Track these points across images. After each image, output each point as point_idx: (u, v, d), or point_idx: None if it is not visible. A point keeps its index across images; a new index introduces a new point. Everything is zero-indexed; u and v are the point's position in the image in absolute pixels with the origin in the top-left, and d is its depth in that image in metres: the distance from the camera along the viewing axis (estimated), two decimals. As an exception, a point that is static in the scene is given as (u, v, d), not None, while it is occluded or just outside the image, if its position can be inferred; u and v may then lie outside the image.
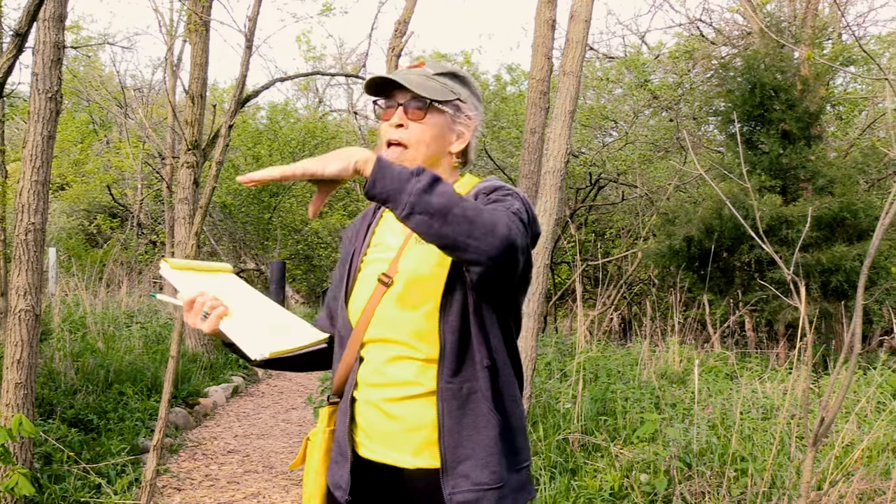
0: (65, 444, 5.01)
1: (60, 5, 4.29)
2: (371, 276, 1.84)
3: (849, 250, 8.94)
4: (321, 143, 20.13)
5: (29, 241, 4.22)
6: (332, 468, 1.87)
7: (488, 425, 1.74)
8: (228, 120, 4.91)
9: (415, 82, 1.80)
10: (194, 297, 1.75)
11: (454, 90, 1.85)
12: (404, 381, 1.76)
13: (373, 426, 1.80)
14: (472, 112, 1.89)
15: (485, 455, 1.73)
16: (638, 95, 15.36)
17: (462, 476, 1.73)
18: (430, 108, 1.81)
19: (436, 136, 1.83)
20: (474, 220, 1.52)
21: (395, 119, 1.81)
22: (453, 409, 1.73)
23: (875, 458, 4.40)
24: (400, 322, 1.76)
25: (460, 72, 1.90)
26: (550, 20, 5.66)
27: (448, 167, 1.89)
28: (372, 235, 1.93)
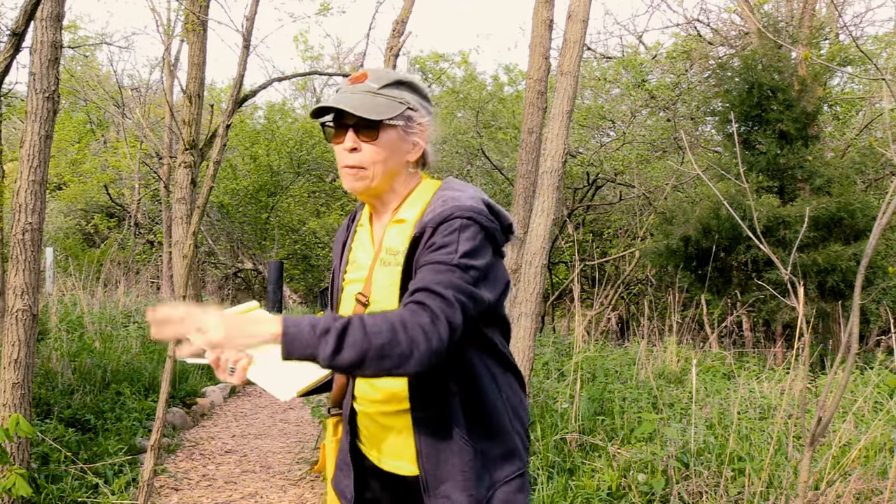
0: (62, 444, 5.00)
1: (58, 5, 4.28)
2: (350, 295, 1.86)
3: (845, 250, 8.95)
4: (318, 143, 20.11)
5: (26, 240, 4.21)
6: (337, 476, 1.93)
7: (462, 451, 1.75)
8: (226, 120, 4.91)
9: (361, 104, 1.75)
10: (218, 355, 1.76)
11: (402, 99, 1.80)
12: (391, 396, 1.79)
13: (374, 437, 1.85)
14: (424, 118, 1.85)
15: (461, 479, 1.74)
16: (635, 95, 15.37)
17: (444, 497, 1.75)
18: (380, 127, 1.77)
19: (391, 153, 1.80)
20: (390, 354, 1.51)
21: (348, 143, 1.78)
22: (428, 436, 1.75)
23: (872, 458, 4.41)
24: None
25: (406, 77, 1.85)
26: (548, 20, 5.67)
27: (405, 176, 1.87)
28: (349, 252, 1.94)
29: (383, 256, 1.81)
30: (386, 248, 1.82)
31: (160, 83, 20.11)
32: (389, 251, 1.81)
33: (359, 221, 1.96)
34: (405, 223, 1.81)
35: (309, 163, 20.19)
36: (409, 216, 1.82)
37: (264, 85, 10.69)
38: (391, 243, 1.81)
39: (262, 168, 19.45)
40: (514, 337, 4.76)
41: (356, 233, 1.95)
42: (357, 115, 1.74)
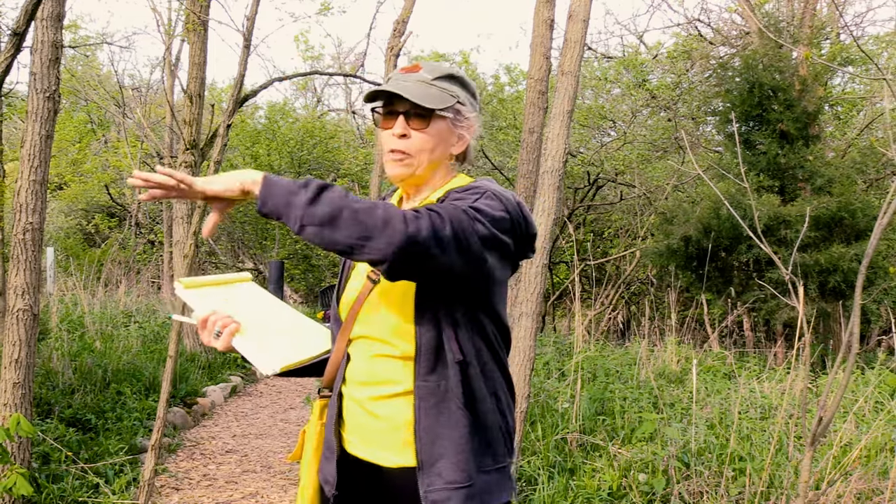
0: (63, 443, 5.01)
1: (58, 4, 4.28)
2: (362, 273, 1.86)
3: (846, 250, 8.95)
4: (319, 143, 20.12)
5: (27, 240, 4.21)
6: (322, 463, 1.91)
7: (458, 424, 1.75)
8: (227, 119, 4.91)
9: (415, 91, 1.78)
10: (206, 316, 1.80)
11: (453, 93, 1.84)
12: (386, 379, 1.78)
13: (358, 424, 1.83)
14: (471, 113, 1.88)
15: (455, 453, 1.74)
16: (636, 95, 15.36)
17: (436, 475, 1.74)
18: (432, 116, 1.81)
19: (438, 143, 1.83)
20: (364, 221, 1.51)
21: (397, 129, 1.81)
22: (429, 407, 1.74)
23: (873, 458, 4.40)
24: (380, 319, 1.79)
25: (457, 72, 1.89)
26: (549, 20, 5.66)
27: (445, 168, 1.90)
28: None
29: None
30: None
31: (161, 83, 20.11)
32: None
33: None
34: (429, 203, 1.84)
35: (310, 163, 20.20)
36: (434, 197, 1.85)
37: (265, 85, 10.69)
38: None
39: (262, 168, 19.45)
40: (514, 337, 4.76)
41: None
42: (412, 102, 1.77)
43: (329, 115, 27.88)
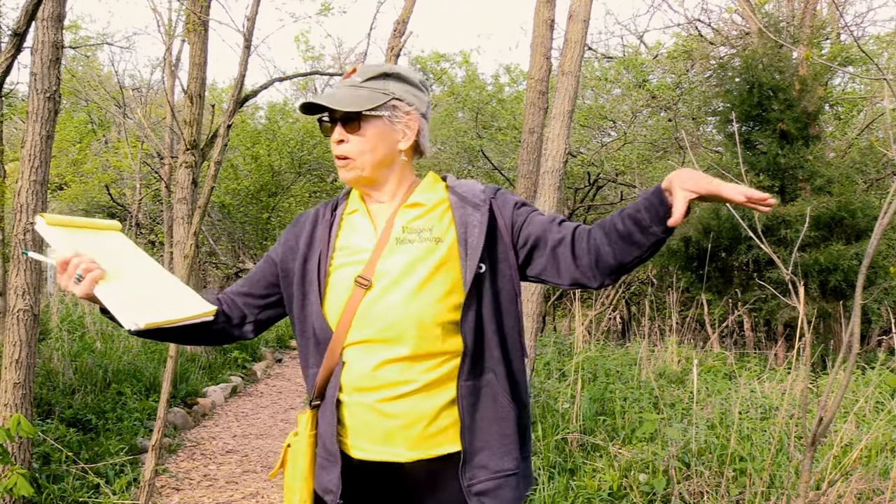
0: (63, 444, 5.01)
1: (59, 5, 4.29)
2: (345, 279, 1.84)
3: (846, 250, 8.95)
4: (319, 143, 20.10)
5: (27, 240, 4.21)
6: (318, 473, 1.87)
7: (508, 416, 1.80)
8: (227, 120, 4.91)
9: (342, 98, 1.82)
10: (69, 257, 1.68)
11: (385, 90, 1.85)
12: (397, 381, 1.77)
13: (368, 427, 1.80)
14: (411, 106, 1.89)
15: (503, 444, 1.79)
16: (636, 95, 15.36)
17: (479, 467, 1.77)
18: (362, 118, 1.83)
19: (377, 143, 1.85)
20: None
21: (334, 136, 1.86)
22: (470, 405, 1.77)
23: (874, 458, 4.40)
24: (388, 322, 1.77)
25: (392, 69, 1.90)
26: (549, 20, 5.66)
27: (401, 165, 1.91)
28: (335, 238, 1.92)
29: (400, 236, 1.83)
30: (403, 228, 1.84)
31: (161, 83, 20.11)
32: (410, 230, 1.84)
33: (346, 209, 1.96)
34: (423, 206, 1.87)
35: (310, 163, 20.19)
36: (425, 200, 1.88)
37: (265, 85, 10.69)
38: (413, 224, 1.85)
39: (263, 168, 19.44)
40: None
41: (344, 219, 1.95)
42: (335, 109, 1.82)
43: (329, 115, 27.82)
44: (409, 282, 1.77)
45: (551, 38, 5.77)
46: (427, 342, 1.76)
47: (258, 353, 11.11)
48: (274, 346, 12.55)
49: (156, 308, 1.70)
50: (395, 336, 1.77)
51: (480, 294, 1.78)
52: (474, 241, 1.79)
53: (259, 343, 11.50)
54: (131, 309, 1.63)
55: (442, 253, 1.79)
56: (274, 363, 11.38)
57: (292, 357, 12.38)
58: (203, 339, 1.98)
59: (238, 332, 2.00)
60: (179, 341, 1.99)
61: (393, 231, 1.85)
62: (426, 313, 1.76)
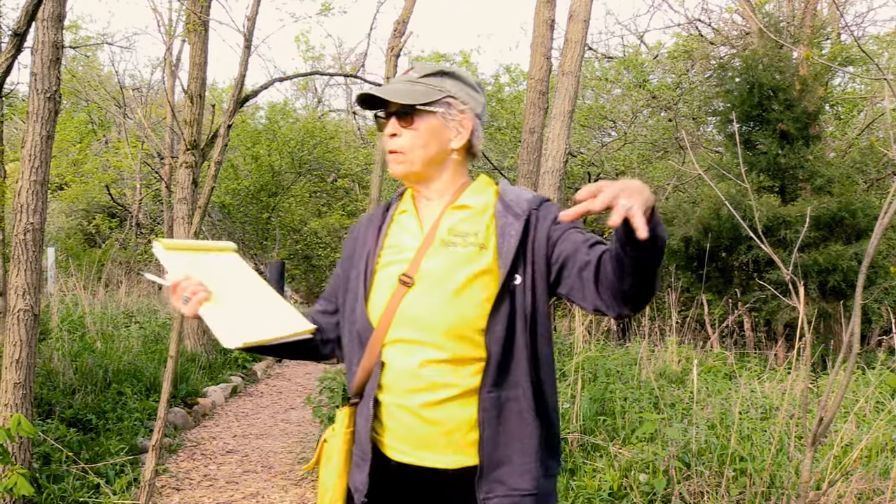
0: (63, 443, 5.01)
1: (59, 5, 4.29)
2: (389, 277, 1.84)
3: (845, 250, 8.94)
4: (320, 143, 20.12)
5: (28, 240, 4.21)
6: (352, 471, 1.87)
7: (532, 434, 1.77)
8: (227, 120, 4.91)
9: (398, 91, 1.82)
10: (179, 281, 1.79)
11: (442, 88, 1.86)
12: (438, 384, 1.75)
13: (408, 430, 1.79)
14: (465, 105, 1.89)
15: (523, 461, 1.76)
16: (637, 95, 15.37)
17: (497, 481, 1.75)
18: (416, 112, 1.83)
19: (430, 139, 1.85)
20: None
21: (388, 129, 1.85)
22: (492, 418, 1.75)
23: (874, 458, 4.40)
24: (427, 322, 1.76)
25: (448, 68, 1.90)
26: (549, 20, 5.67)
27: (453, 165, 1.91)
28: (385, 237, 1.93)
29: (445, 238, 1.82)
30: (449, 230, 1.83)
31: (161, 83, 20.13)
32: (455, 233, 1.83)
33: (398, 209, 1.96)
34: (471, 209, 1.86)
35: (310, 163, 20.20)
36: (474, 203, 1.87)
37: (266, 85, 10.69)
38: (459, 226, 1.84)
39: (263, 168, 19.45)
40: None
41: (395, 219, 1.95)
42: (391, 101, 1.82)
43: (330, 115, 27.91)
44: (449, 285, 1.76)
45: (552, 38, 5.78)
46: (465, 347, 1.75)
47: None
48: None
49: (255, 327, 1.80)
50: (433, 337, 1.75)
51: (514, 305, 1.76)
52: (508, 251, 1.77)
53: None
54: (230, 330, 1.73)
55: (487, 261, 1.77)
56: (274, 363, 11.38)
57: (292, 357, 12.37)
58: (302, 355, 2.03)
59: (325, 349, 2.02)
60: (281, 356, 2.04)
61: (438, 232, 1.84)
62: (464, 318, 1.74)
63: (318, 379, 5.88)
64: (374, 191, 6.64)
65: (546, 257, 1.79)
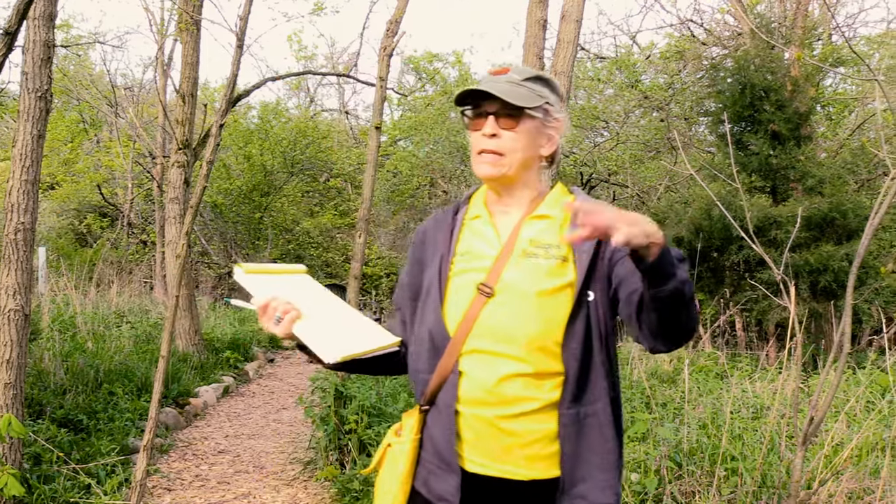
0: (54, 444, 4.99)
1: (50, 4, 4.27)
2: (466, 285, 1.82)
3: (836, 250, 8.98)
4: (312, 143, 20.09)
5: (18, 240, 4.20)
6: (427, 479, 1.84)
7: (612, 450, 1.78)
8: (219, 119, 4.90)
9: (505, 91, 1.78)
10: (267, 301, 1.76)
11: (542, 94, 1.84)
12: (518, 397, 1.74)
13: (484, 441, 1.77)
14: (560, 114, 1.89)
15: (605, 477, 1.76)
16: (629, 96, 15.40)
17: (579, 497, 1.75)
18: (522, 115, 1.80)
19: (528, 143, 1.83)
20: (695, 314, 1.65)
21: (487, 129, 1.80)
22: (572, 434, 1.75)
23: (864, 457, 4.42)
24: (510, 334, 1.75)
25: (545, 75, 1.89)
26: (542, 20, 5.67)
27: (537, 172, 1.89)
28: (457, 243, 1.90)
29: (526, 248, 1.80)
30: (530, 241, 1.81)
31: (153, 82, 20.06)
32: (537, 244, 1.81)
33: (468, 214, 1.94)
34: (550, 220, 1.84)
35: (303, 163, 20.17)
36: (553, 213, 1.85)
37: (258, 84, 10.68)
38: (540, 237, 1.82)
39: (255, 168, 19.42)
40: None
41: (466, 224, 1.92)
42: (502, 102, 1.78)
43: (322, 115, 27.87)
44: (532, 297, 1.75)
45: (544, 39, 5.78)
46: (546, 361, 1.74)
47: (250, 354, 11.08)
48: (266, 347, 12.53)
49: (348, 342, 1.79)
50: (515, 350, 1.74)
51: (589, 321, 1.75)
52: (583, 265, 1.76)
53: (251, 343, 11.49)
54: (328, 344, 1.73)
55: (570, 275, 1.77)
56: (266, 363, 11.36)
57: (284, 357, 12.37)
58: (390, 369, 2.00)
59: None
60: (371, 372, 2.04)
61: (518, 242, 1.82)
62: (546, 331, 1.74)
63: (310, 379, 5.87)
64: (366, 190, 6.63)
65: (607, 277, 1.78)
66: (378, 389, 5.94)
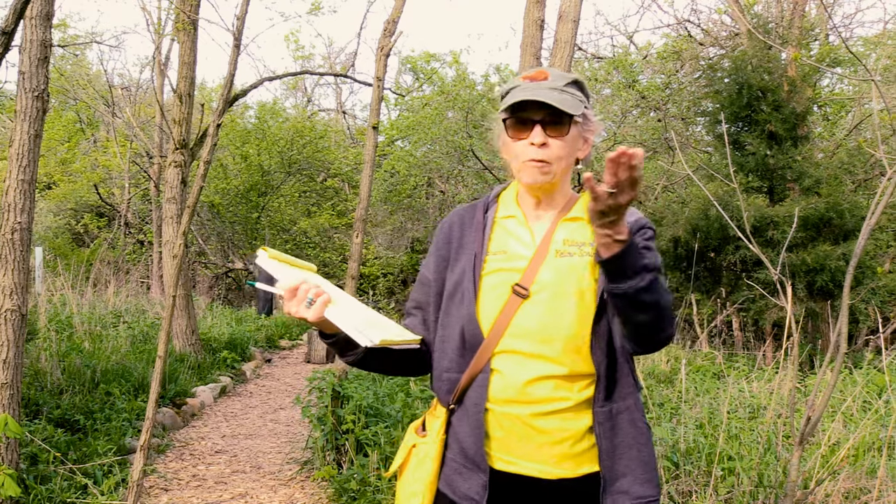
0: (51, 444, 4.99)
1: (47, 3, 4.27)
2: (500, 284, 1.81)
3: (833, 250, 8.99)
4: (309, 143, 20.08)
5: (15, 240, 4.20)
6: (452, 478, 1.84)
7: (647, 442, 1.80)
8: (216, 119, 4.89)
9: (556, 99, 1.76)
10: (297, 284, 1.73)
11: (581, 98, 1.83)
12: (550, 397, 1.75)
13: (513, 439, 1.78)
14: (596, 117, 1.89)
15: (644, 470, 1.78)
16: (626, 96, 15.40)
17: (621, 492, 1.76)
18: (569, 123, 1.79)
19: (572, 150, 1.83)
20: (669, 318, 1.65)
21: (537, 138, 1.77)
22: (607, 431, 1.77)
23: (861, 457, 4.43)
24: (547, 336, 1.75)
25: (580, 78, 1.88)
26: (539, 20, 5.66)
27: (570, 173, 1.90)
28: (490, 242, 1.89)
29: (560, 248, 1.80)
30: (564, 241, 1.82)
31: (150, 82, 20.05)
32: (570, 242, 1.81)
33: (499, 213, 1.92)
34: (582, 221, 1.84)
35: (300, 162, 20.17)
36: (584, 215, 1.85)
37: (255, 84, 10.67)
38: (573, 236, 1.82)
39: (252, 168, 19.41)
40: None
41: (497, 223, 1.91)
42: (550, 109, 1.75)
43: (319, 114, 27.87)
44: (568, 296, 1.75)
45: (541, 39, 5.77)
46: (579, 362, 1.76)
47: (247, 354, 11.08)
48: (263, 346, 12.52)
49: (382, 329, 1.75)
50: (551, 351, 1.75)
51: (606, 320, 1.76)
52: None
53: (248, 343, 11.48)
54: (363, 329, 1.68)
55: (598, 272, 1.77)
56: (263, 363, 11.35)
57: (282, 357, 12.36)
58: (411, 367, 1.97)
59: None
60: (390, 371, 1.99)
61: (553, 243, 1.82)
62: (579, 331, 1.75)
63: (307, 379, 5.87)
64: (363, 190, 6.62)
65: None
66: (375, 389, 5.94)
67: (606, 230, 1.49)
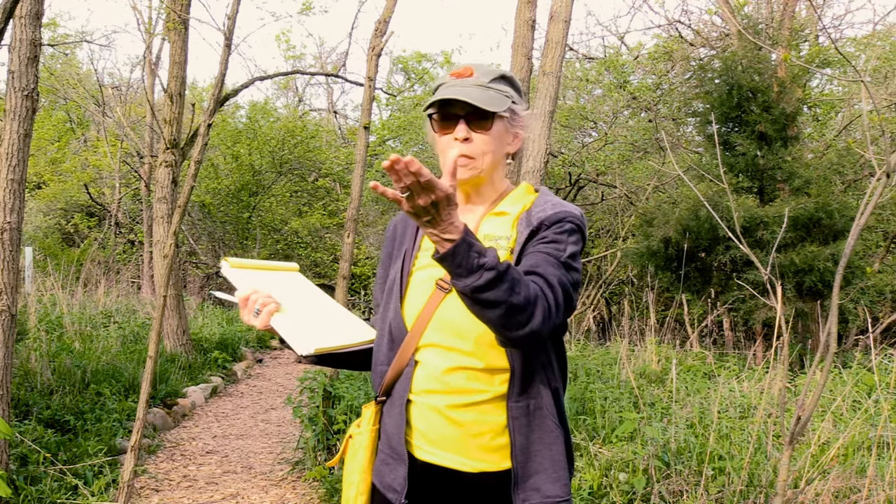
0: (41, 445, 4.97)
1: (37, 2, 4.25)
2: (427, 280, 1.86)
3: (822, 250, 9.02)
4: (301, 142, 20.05)
5: (5, 240, 4.18)
6: (380, 469, 1.88)
7: (556, 441, 1.80)
8: (207, 119, 4.88)
9: (477, 97, 1.79)
10: (248, 294, 1.82)
11: (508, 94, 1.86)
12: (466, 389, 1.78)
13: (434, 430, 1.81)
14: (524, 111, 1.91)
15: (554, 469, 1.79)
16: (617, 96, 15.43)
17: (533, 489, 1.78)
18: (493, 118, 1.83)
19: (498, 144, 1.86)
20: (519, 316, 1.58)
21: (460, 133, 1.82)
22: (523, 427, 1.78)
23: (851, 456, 4.45)
24: (462, 330, 1.78)
25: (507, 73, 1.91)
26: (530, 20, 5.67)
27: (501, 170, 1.93)
28: (422, 239, 1.94)
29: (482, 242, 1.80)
30: (485, 236, 1.85)
31: (141, 82, 19.97)
32: (489, 238, 1.85)
33: None
34: (507, 216, 1.87)
35: (291, 162, 20.13)
36: (511, 210, 1.88)
37: (246, 84, 10.66)
38: (491, 231, 1.86)
39: (243, 167, 19.36)
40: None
41: None
42: (475, 106, 1.79)
43: (311, 114, 27.82)
44: None
45: (532, 39, 5.78)
46: (496, 356, 1.77)
47: (238, 354, 11.06)
48: (255, 347, 12.50)
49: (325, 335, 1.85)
50: (468, 345, 1.77)
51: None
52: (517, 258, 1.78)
53: (239, 343, 11.46)
54: (304, 337, 1.78)
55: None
56: (254, 363, 11.33)
57: (273, 357, 12.34)
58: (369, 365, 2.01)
59: None
60: (353, 367, 2.06)
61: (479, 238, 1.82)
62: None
63: (299, 379, 5.87)
64: (354, 190, 6.62)
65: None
66: (366, 389, 5.94)
67: (429, 229, 1.51)
